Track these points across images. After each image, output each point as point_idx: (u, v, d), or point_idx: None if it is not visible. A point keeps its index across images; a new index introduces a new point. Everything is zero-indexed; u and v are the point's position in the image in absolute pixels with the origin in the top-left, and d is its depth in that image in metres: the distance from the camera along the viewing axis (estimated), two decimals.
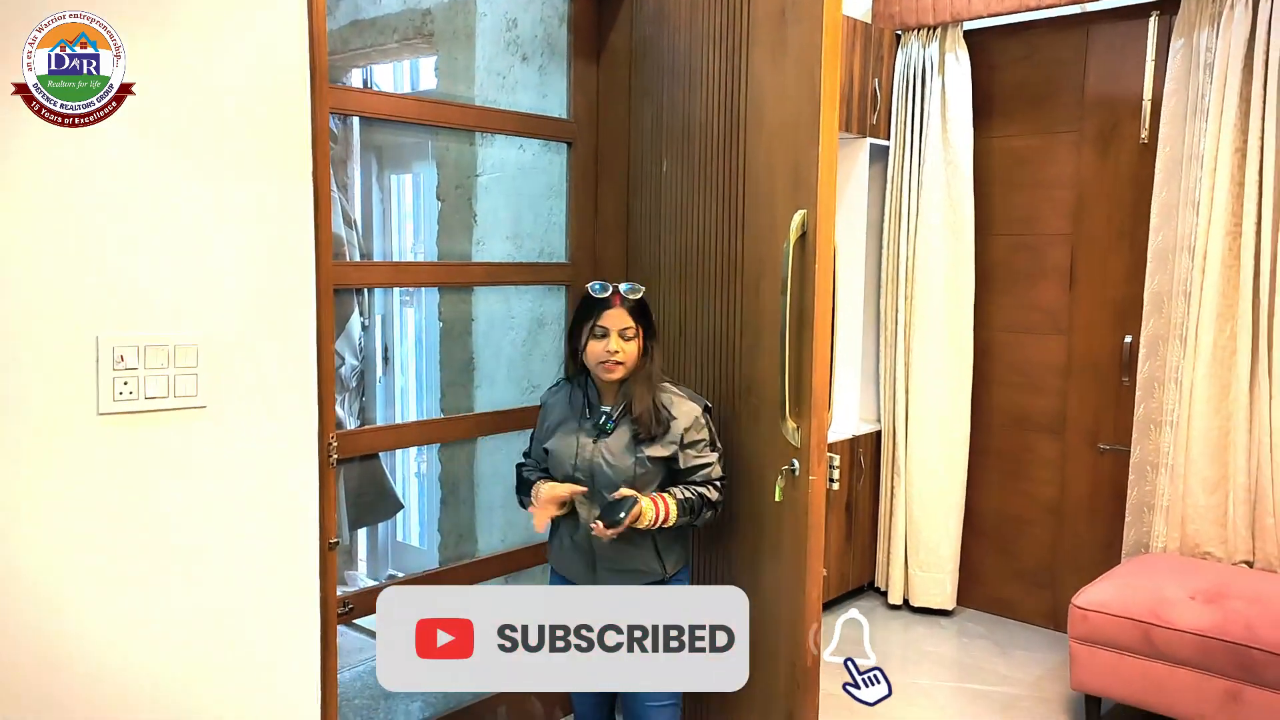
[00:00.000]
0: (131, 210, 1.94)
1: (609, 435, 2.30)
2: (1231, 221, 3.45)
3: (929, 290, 4.16)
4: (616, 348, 2.24)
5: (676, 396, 2.32)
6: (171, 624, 2.05)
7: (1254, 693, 2.89)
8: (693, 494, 2.27)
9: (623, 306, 2.26)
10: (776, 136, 2.27)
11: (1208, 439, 3.53)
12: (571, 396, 2.39)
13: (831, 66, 2.07)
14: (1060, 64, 4.02)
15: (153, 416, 1.98)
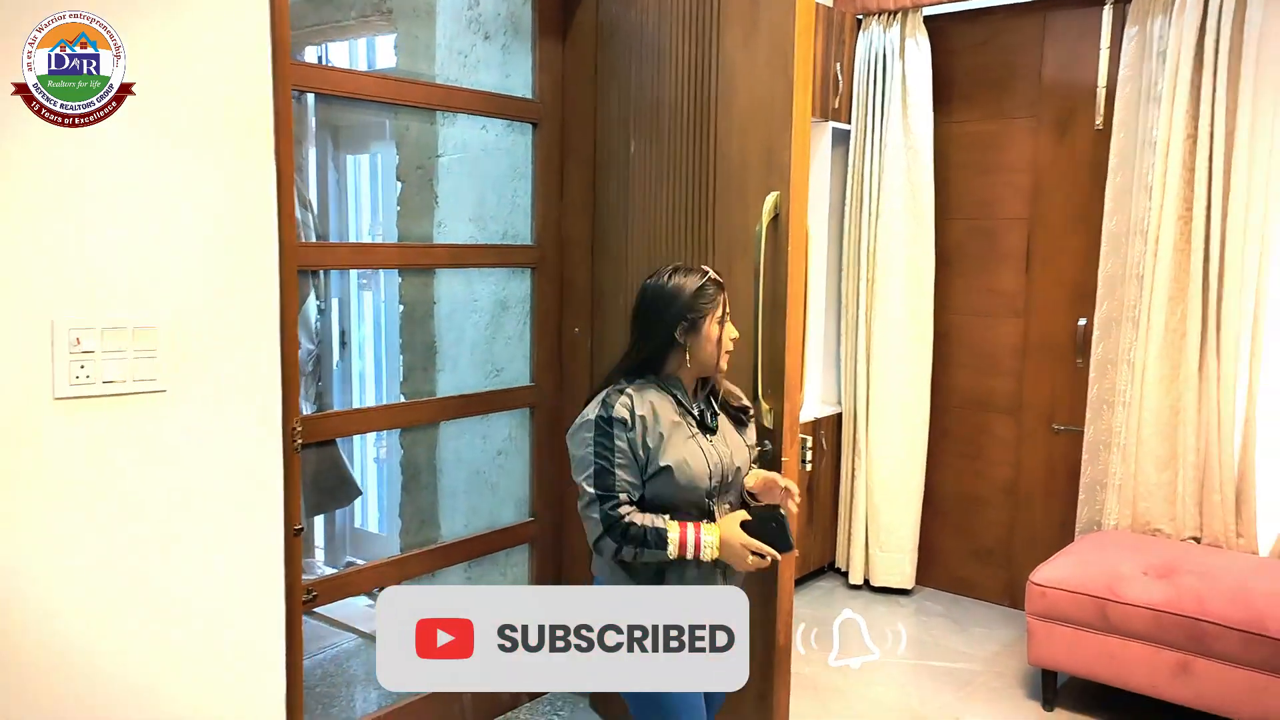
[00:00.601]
0: (87, 189, 1.88)
1: (715, 433, 2.06)
2: (1183, 206, 3.52)
3: (890, 274, 4.19)
4: (734, 336, 2.06)
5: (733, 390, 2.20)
6: (133, 613, 2.00)
7: (1203, 664, 2.98)
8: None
9: (721, 287, 2.05)
10: (748, 119, 2.26)
11: (1158, 418, 3.61)
12: (659, 401, 2.03)
13: (804, 50, 2.07)
14: (1018, 50, 4.06)
15: (111, 401, 1.93)
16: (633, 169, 2.85)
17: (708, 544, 1.95)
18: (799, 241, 2.11)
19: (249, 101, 2.09)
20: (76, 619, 1.93)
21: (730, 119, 2.34)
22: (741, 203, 2.30)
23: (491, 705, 3.16)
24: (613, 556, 2.00)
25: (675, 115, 2.59)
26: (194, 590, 2.09)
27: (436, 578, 3.58)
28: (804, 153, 2.10)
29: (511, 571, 3.39)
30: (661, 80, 2.64)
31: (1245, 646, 2.89)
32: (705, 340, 2.01)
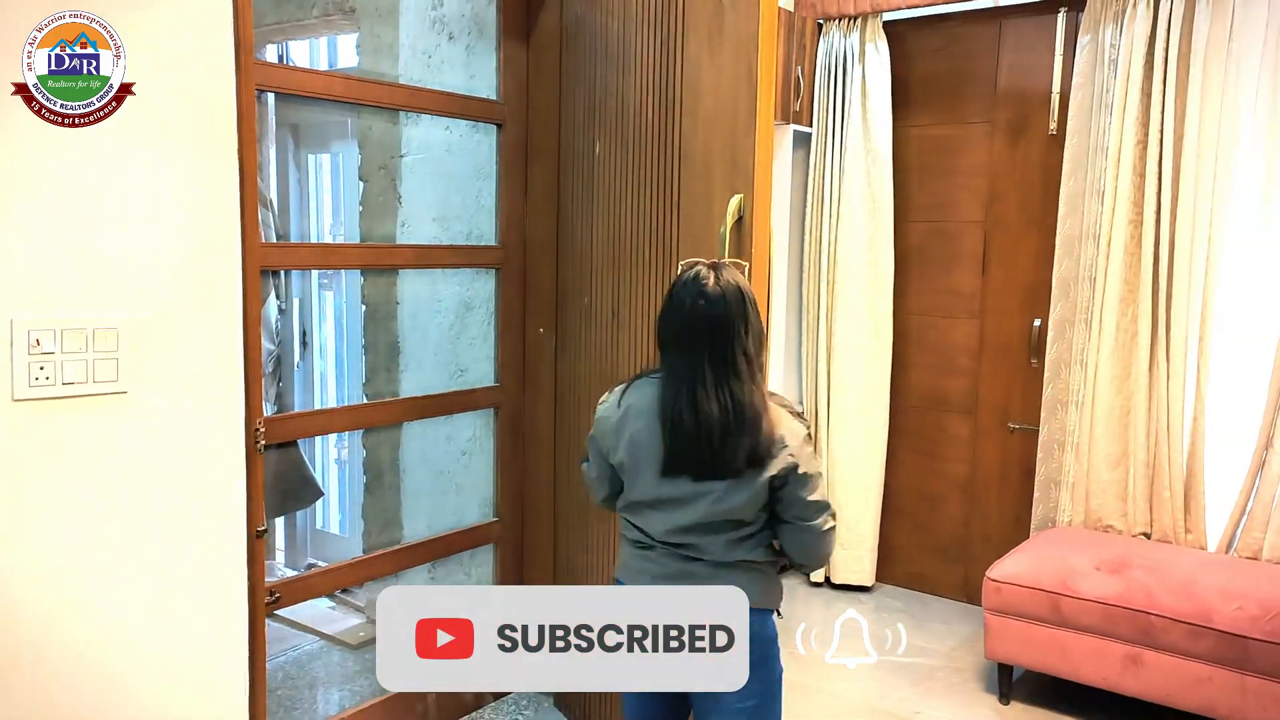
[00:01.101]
0: (43, 188, 1.86)
1: None
2: (1134, 211, 3.61)
3: (850, 275, 4.25)
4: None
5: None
6: (93, 615, 1.99)
7: (1152, 655, 3.06)
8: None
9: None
10: (712, 122, 2.29)
11: (1110, 417, 3.70)
12: None
13: (768, 54, 2.10)
14: (974, 56, 4.14)
15: (71, 403, 1.91)
16: (597, 170, 2.86)
17: None
18: (762, 243, 2.14)
19: (211, 101, 2.08)
20: (36, 620, 1.91)
21: (694, 121, 2.36)
22: (705, 204, 2.32)
23: (455, 706, 3.16)
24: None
25: (640, 117, 2.61)
26: (156, 592, 2.07)
27: (400, 579, 3.57)
28: (767, 156, 2.13)
29: (476, 572, 3.39)
30: (626, 82, 2.66)
31: (1191, 638, 2.98)
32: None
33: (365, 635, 3.64)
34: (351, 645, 3.60)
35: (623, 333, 2.76)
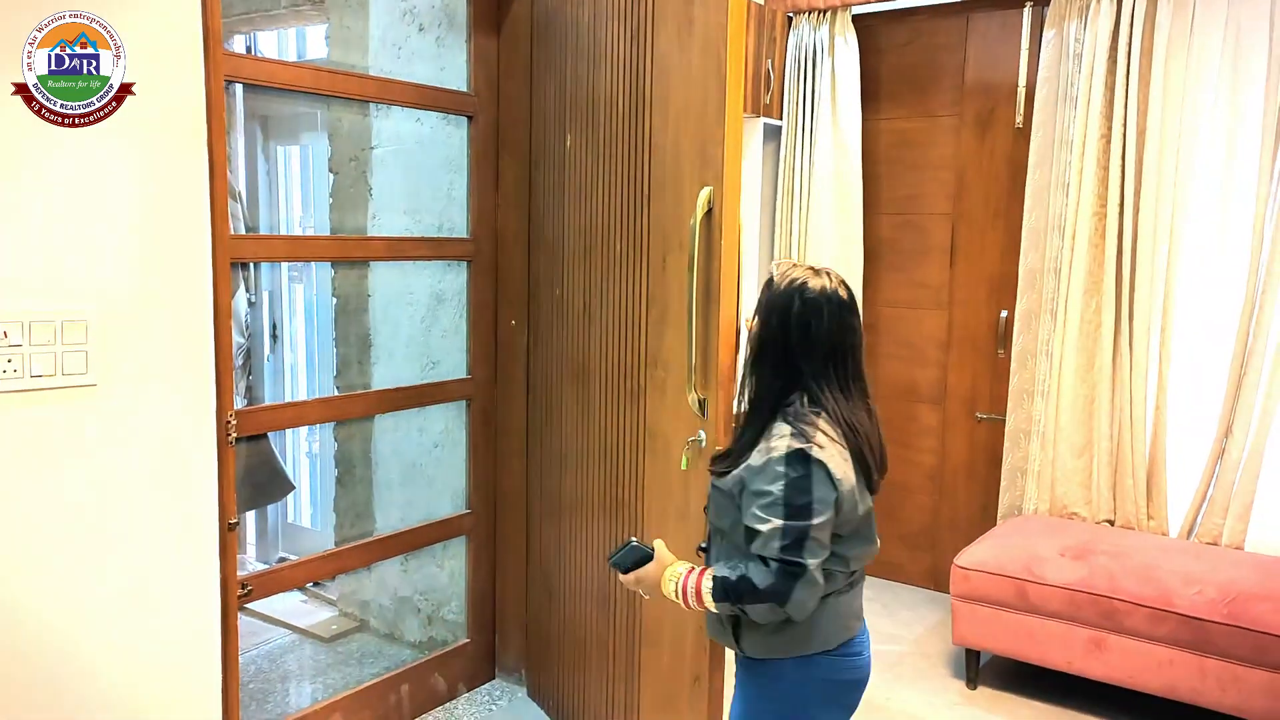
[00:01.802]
0: (21, 177, 1.84)
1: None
2: (1098, 203, 3.67)
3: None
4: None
5: (784, 426, 1.70)
6: (65, 609, 1.98)
7: (1115, 639, 3.12)
8: (734, 573, 1.66)
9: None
10: (682, 115, 2.30)
11: (1075, 407, 3.76)
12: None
13: (737, 47, 2.12)
14: (942, 50, 4.18)
15: (39, 395, 1.90)
16: (568, 163, 2.87)
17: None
18: (731, 235, 2.15)
19: (179, 92, 2.06)
20: (5, 614, 1.90)
21: (665, 114, 2.37)
22: (675, 197, 2.34)
23: (428, 696, 3.17)
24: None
25: (610, 110, 2.62)
26: (128, 586, 2.07)
27: (373, 571, 3.58)
28: (736, 148, 2.14)
29: (449, 564, 3.40)
30: (597, 75, 2.67)
31: (1153, 622, 3.04)
32: None
33: (337, 628, 3.64)
34: (324, 638, 3.60)
35: (594, 324, 2.77)
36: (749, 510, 1.67)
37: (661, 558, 1.79)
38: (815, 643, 1.75)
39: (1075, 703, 3.32)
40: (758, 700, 1.80)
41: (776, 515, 1.63)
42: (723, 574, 1.67)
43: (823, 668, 1.76)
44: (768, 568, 1.64)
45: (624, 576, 1.81)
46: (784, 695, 1.77)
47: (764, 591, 1.62)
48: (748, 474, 1.69)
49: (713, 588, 1.68)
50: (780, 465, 1.64)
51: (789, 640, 1.74)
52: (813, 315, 1.74)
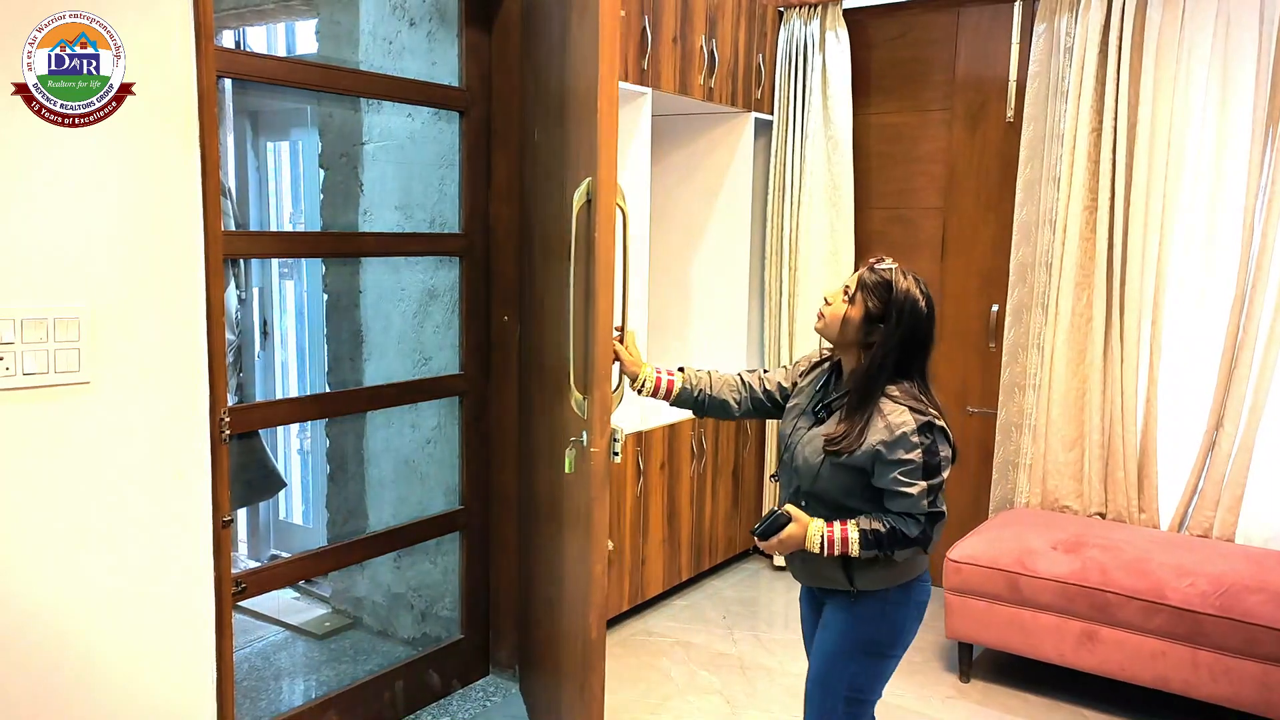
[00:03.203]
0: (19, 176, 1.83)
1: (822, 425, 2.08)
2: (1089, 197, 3.68)
3: (811, 261, 4.29)
4: (829, 298, 2.07)
5: (894, 405, 1.99)
6: (59, 607, 1.96)
7: (1107, 631, 3.14)
8: (884, 525, 1.99)
9: (859, 271, 2.07)
10: (580, 103, 2.23)
11: (1066, 400, 3.78)
12: (824, 378, 2.17)
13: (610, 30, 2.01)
14: (933, 44, 4.19)
15: (32, 394, 1.88)
16: (537, 157, 2.84)
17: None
18: (607, 227, 2.07)
19: (176, 91, 2.05)
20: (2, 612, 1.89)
21: (574, 103, 2.31)
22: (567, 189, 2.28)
23: (422, 693, 3.17)
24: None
25: (552, 102, 2.58)
26: (122, 584, 2.05)
27: (366, 569, 3.57)
28: (610, 136, 2.04)
29: (442, 561, 3.39)
30: (550, 66, 2.62)
31: (1145, 615, 3.06)
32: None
33: (331, 625, 3.63)
34: (317, 635, 3.59)
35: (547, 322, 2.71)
36: (889, 476, 1.98)
37: (800, 518, 2.03)
38: (914, 571, 2.11)
39: (1068, 695, 3.34)
40: (864, 625, 2.10)
41: (918, 478, 1.97)
42: (872, 527, 1.99)
43: (915, 591, 2.12)
44: (918, 521, 1.99)
45: (766, 543, 2.04)
46: (890, 617, 2.09)
47: (915, 539, 1.99)
48: (884, 448, 1.97)
49: (860, 539, 1.99)
50: (914, 436, 1.96)
51: (898, 572, 2.07)
52: (928, 326, 2.06)
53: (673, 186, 4.46)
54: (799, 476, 2.11)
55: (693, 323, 4.50)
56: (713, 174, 4.37)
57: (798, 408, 2.18)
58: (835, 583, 2.10)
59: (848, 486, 2.04)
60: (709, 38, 3.91)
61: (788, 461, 2.15)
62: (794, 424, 2.16)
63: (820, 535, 2.01)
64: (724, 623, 3.91)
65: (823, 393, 2.15)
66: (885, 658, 2.13)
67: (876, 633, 2.10)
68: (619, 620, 3.84)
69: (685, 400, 2.31)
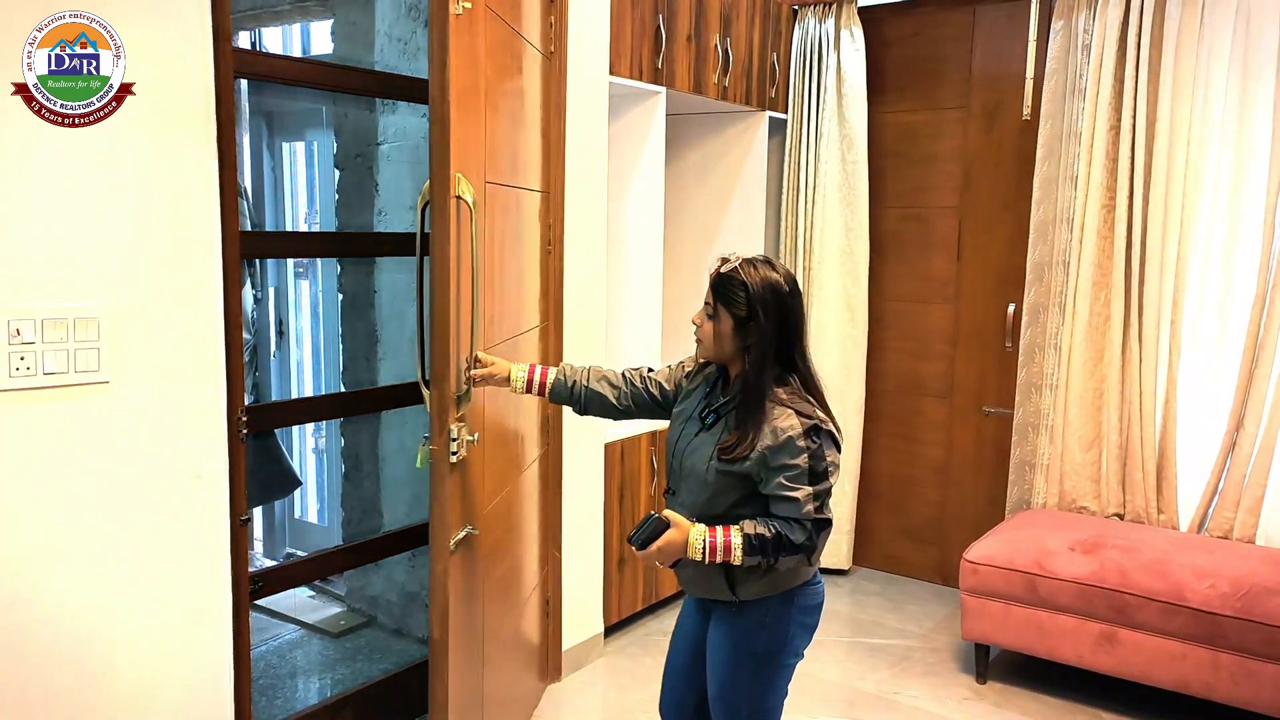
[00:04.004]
0: (34, 169, 1.84)
1: (708, 430, 2.02)
2: (1106, 195, 3.65)
3: (826, 261, 4.28)
4: (697, 320, 2.03)
5: (781, 408, 1.94)
6: (78, 605, 1.97)
7: (1126, 633, 3.11)
8: (769, 530, 1.90)
9: (710, 277, 2.01)
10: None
11: (1083, 400, 3.75)
12: (710, 382, 2.11)
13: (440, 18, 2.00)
14: (949, 42, 4.17)
15: (52, 393, 1.89)
16: None
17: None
18: (441, 225, 2.05)
19: (183, 91, 2.06)
20: (19, 610, 1.89)
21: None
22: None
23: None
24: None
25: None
26: (140, 582, 2.06)
27: (381, 567, 3.57)
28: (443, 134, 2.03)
29: None
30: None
31: (1165, 616, 3.04)
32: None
33: (346, 624, 3.64)
34: (332, 634, 3.60)
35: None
36: (774, 481, 1.91)
37: (681, 524, 1.94)
38: (797, 580, 2.04)
39: (1086, 697, 3.32)
40: (748, 637, 2.04)
41: (804, 483, 1.90)
42: (756, 532, 1.90)
43: (800, 597, 2.06)
44: (804, 527, 1.91)
45: (644, 552, 1.94)
46: (772, 627, 2.03)
47: (800, 546, 1.91)
48: (769, 453, 1.91)
49: (743, 544, 1.90)
50: (800, 440, 1.90)
51: (779, 580, 2.01)
52: (796, 304, 2.00)
53: (687, 186, 4.45)
54: (688, 484, 2.04)
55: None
56: (727, 173, 4.36)
57: (684, 413, 2.12)
58: (719, 593, 2.02)
59: (737, 494, 1.98)
60: (723, 36, 3.91)
61: (676, 469, 2.08)
62: (681, 429, 2.10)
63: (702, 541, 1.91)
64: None
65: (709, 398, 2.09)
66: (779, 666, 2.07)
67: (763, 644, 2.04)
68: (632, 620, 3.83)
69: (561, 394, 2.23)
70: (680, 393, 2.17)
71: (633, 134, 3.71)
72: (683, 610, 2.27)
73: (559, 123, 3.09)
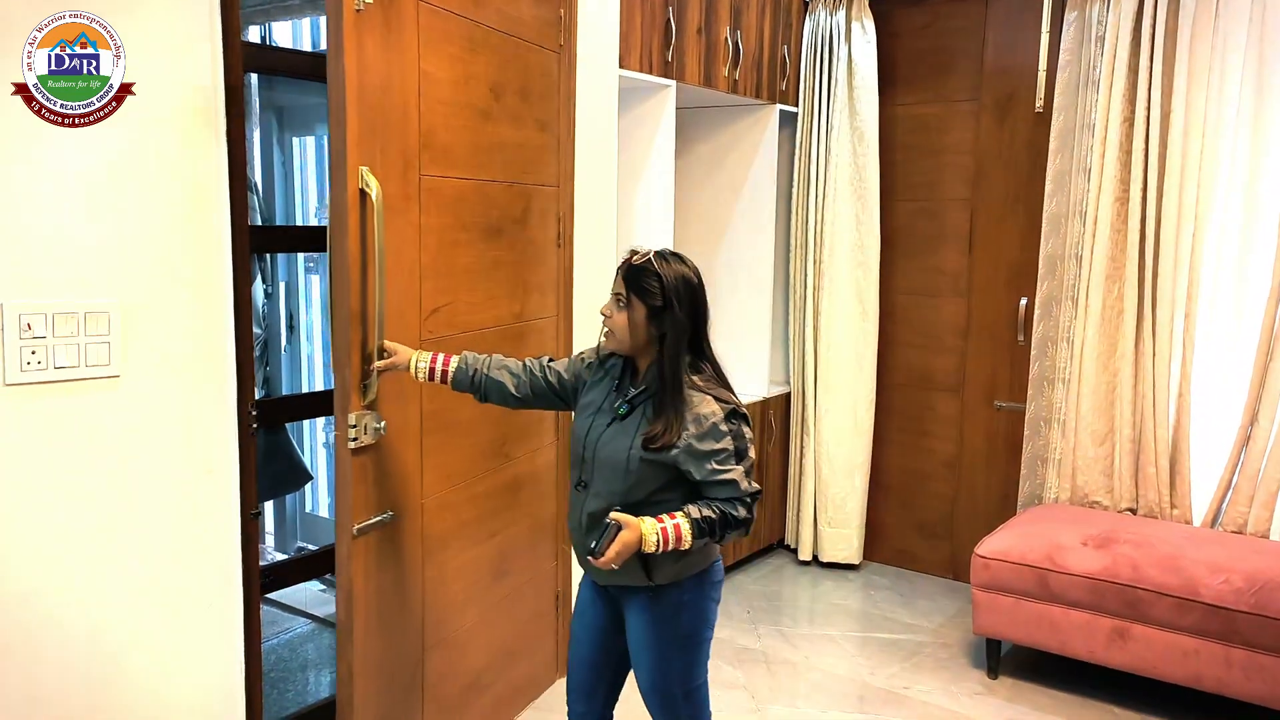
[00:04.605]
0: (35, 168, 1.84)
1: (622, 420, 2.07)
2: (1120, 188, 3.63)
3: (837, 254, 4.26)
4: (607, 310, 2.07)
5: (700, 395, 2.02)
6: (89, 598, 1.98)
7: (1139, 629, 3.10)
8: (714, 512, 1.99)
9: (620, 269, 2.06)
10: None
11: (1096, 395, 3.73)
12: (614, 374, 2.15)
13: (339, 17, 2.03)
14: (961, 34, 4.14)
15: (64, 387, 1.90)
16: None
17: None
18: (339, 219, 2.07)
19: (194, 87, 2.06)
20: (31, 603, 1.90)
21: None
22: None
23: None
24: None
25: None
26: (151, 575, 2.07)
27: None
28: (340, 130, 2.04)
29: None
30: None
31: (1178, 612, 3.02)
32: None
33: None
34: None
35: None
36: (705, 467, 2.00)
37: (631, 522, 1.96)
38: (706, 560, 2.14)
39: (1098, 693, 3.31)
40: (670, 620, 2.11)
41: (733, 462, 2.01)
42: (702, 515, 1.98)
43: (710, 575, 2.16)
44: (744, 503, 2.02)
45: (602, 560, 1.94)
46: (691, 605, 2.12)
47: (742, 521, 2.02)
48: (695, 440, 1.99)
49: (692, 528, 1.97)
50: (723, 425, 2.01)
51: (692, 562, 2.10)
52: (704, 296, 2.09)
53: (697, 180, 4.44)
54: (603, 474, 2.06)
55: (717, 316, 4.43)
56: (737, 167, 4.35)
57: (592, 405, 2.14)
58: (636, 579, 2.07)
59: (659, 482, 2.03)
60: (734, 29, 3.89)
61: (589, 460, 2.09)
62: (590, 422, 2.11)
63: (655, 534, 1.95)
64: (748, 617, 3.90)
65: (619, 390, 2.11)
66: (700, 641, 2.16)
67: (686, 624, 2.12)
68: None
69: (462, 382, 2.24)
70: (581, 385, 2.20)
71: (643, 127, 3.69)
72: (580, 603, 2.29)
73: (569, 116, 3.08)
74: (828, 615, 3.98)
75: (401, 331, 2.33)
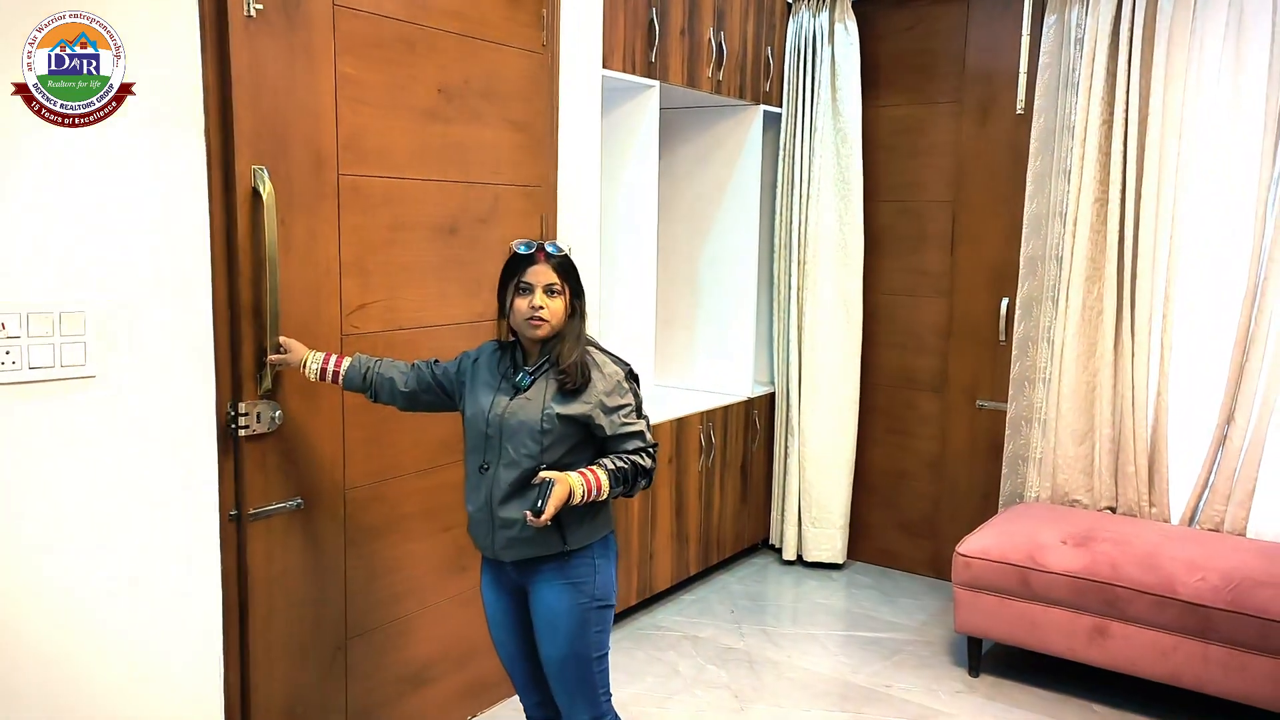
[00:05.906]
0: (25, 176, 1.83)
1: (525, 392, 2.18)
2: (1099, 190, 3.65)
3: (820, 255, 4.27)
4: (541, 304, 2.14)
5: (601, 357, 2.22)
6: (63, 602, 1.97)
7: (1118, 626, 3.12)
8: (625, 463, 2.15)
9: (547, 263, 2.16)
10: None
11: (1076, 394, 3.76)
12: (500, 360, 2.26)
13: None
14: (943, 36, 4.16)
15: (38, 387, 1.89)
16: None
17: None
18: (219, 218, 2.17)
19: (192, 88, 2.05)
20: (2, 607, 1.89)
21: None
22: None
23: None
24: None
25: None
26: (128, 578, 2.06)
27: None
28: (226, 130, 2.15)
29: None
30: None
31: (1156, 609, 3.04)
32: (514, 310, 2.18)
33: None
34: None
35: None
36: (615, 421, 2.17)
37: (559, 477, 2.06)
38: (608, 527, 2.28)
39: (1078, 690, 3.33)
40: (584, 586, 2.21)
41: (637, 415, 2.21)
42: (616, 466, 2.13)
43: (611, 540, 2.29)
44: (649, 453, 2.19)
45: (542, 519, 2.01)
46: (601, 570, 2.24)
47: (648, 470, 2.18)
48: (605, 397, 2.16)
49: (609, 478, 2.11)
50: (625, 382, 2.22)
51: (598, 526, 2.23)
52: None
53: (681, 180, 4.44)
54: (514, 443, 2.15)
55: (701, 316, 4.48)
56: (721, 167, 4.35)
57: (488, 387, 2.23)
58: (549, 546, 2.17)
59: (570, 443, 2.16)
60: (717, 30, 3.90)
61: (494, 435, 2.17)
62: (492, 399, 2.20)
63: (581, 485, 2.07)
64: (732, 617, 3.91)
65: (512, 369, 2.23)
66: (608, 607, 2.25)
67: (599, 589, 2.22)
68: (627, 614, 3.83)
69: (354, 382, 2.33)
70: (465, 378, 2.29)
71: (626, 128, 3.70)
72: (488, 606, 2.35)
73: (551, 116, 3.08)
74: (811, 614, 3.99)
75: (319, 327, 2.42)
